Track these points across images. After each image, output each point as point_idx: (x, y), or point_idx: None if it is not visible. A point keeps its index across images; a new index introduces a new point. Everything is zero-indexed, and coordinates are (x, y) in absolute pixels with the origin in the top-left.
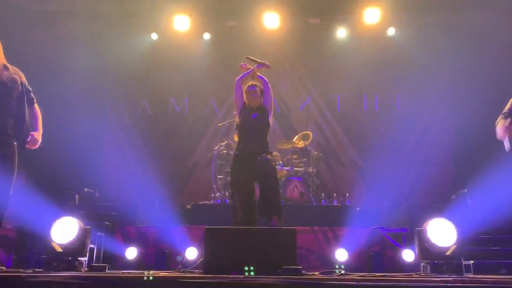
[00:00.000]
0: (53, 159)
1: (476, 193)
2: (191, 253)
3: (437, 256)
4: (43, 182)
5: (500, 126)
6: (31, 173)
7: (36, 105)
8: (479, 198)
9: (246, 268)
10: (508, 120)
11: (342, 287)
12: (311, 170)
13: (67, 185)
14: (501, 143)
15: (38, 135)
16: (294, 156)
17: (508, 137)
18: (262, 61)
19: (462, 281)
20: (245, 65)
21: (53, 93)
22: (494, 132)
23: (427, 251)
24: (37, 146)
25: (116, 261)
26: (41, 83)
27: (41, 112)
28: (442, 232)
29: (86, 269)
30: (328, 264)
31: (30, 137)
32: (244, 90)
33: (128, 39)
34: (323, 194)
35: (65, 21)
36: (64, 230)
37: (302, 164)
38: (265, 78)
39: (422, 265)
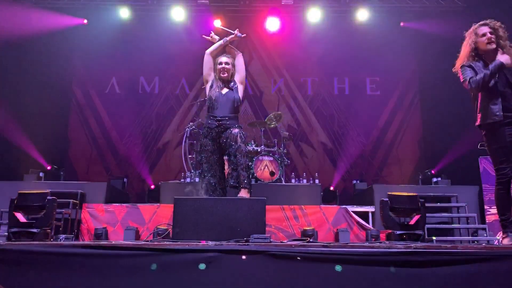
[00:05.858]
0: (17, 138)
1: (440, 173)
2: None
3: (400, 226)
4: (5, 162)
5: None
6: None
7: None
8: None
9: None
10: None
11: (309, 253)
12: (282, 150)
13: (33, 164)
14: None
15: None
16: (265, 136)
17: None
18: (234, 31)
19: (424, 247)
20: (213, 35)
21: (17, 72)
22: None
23: (391, 221)
24: None
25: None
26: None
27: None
28: (405, 203)
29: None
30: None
31: None
32: (215, 62)
33: (98, 14)
34: (293, 174)
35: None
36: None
37: (272, 144)
38: (238, 50)
39: (386, 234)
